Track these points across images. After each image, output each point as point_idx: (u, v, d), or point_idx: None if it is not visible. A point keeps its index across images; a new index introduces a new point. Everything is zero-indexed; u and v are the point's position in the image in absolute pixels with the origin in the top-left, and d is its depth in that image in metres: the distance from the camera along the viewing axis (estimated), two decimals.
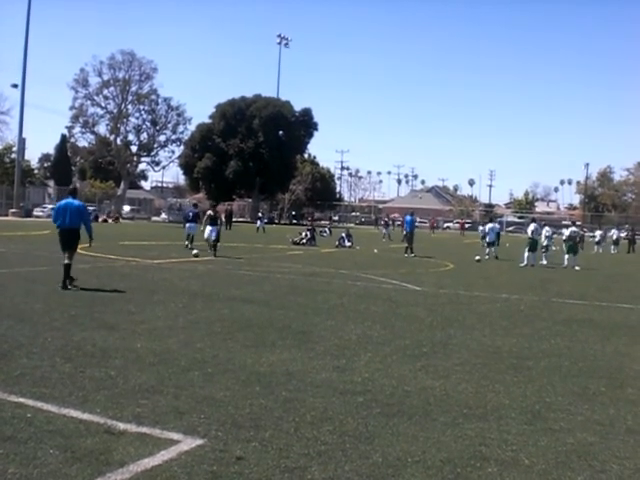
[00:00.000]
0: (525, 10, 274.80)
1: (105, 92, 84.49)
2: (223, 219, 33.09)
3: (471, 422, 6.17)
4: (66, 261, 13.77)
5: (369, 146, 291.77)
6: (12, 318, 10.08)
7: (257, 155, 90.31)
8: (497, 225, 33.47)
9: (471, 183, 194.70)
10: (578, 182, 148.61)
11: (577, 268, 28.37)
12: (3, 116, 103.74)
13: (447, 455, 5.30)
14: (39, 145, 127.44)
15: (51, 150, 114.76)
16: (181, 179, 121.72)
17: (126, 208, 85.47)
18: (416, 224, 37.83)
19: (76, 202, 14.37)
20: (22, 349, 8.10)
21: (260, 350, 8.74)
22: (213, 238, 25.88)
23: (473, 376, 8.02)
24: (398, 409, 6.45)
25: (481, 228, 41.07)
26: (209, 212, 27.34)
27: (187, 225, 30.12)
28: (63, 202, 14.42)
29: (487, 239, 33.05)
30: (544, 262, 29.25)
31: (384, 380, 7.56)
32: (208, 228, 26.13)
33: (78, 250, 14.62)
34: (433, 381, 7.64)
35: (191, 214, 30.83)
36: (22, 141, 70.02)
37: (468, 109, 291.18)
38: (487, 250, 30.57)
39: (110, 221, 63.76)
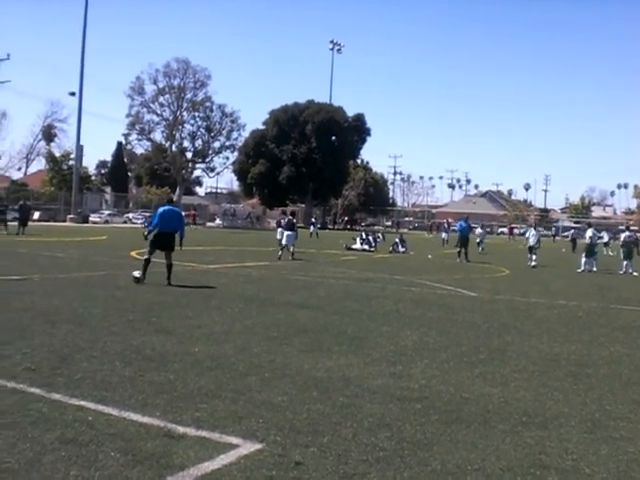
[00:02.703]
0: (584, 11, 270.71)
1: (161, 99, 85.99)
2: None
3: (530, 430, 6.09)
4: (168, 262, 15.82)
5: (422, 151, 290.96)
6: (71, 322, 10.27)
7: (310, 161, 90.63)
8: (537, 231, 33.05)
9: (526, 187, 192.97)
10: (635, 186, 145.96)
11: (635, 274, 27.78)
12: (61, 124, 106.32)
13: (507, 463, 5.24)
14: (96, 152, 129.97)
15: (108, 157, 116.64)
16: (235, 185, 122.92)
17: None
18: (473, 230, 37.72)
19: (177, 209, 16.88)
20: (82, 353, 8.24)
21: (316, 355, 8.75)
22: (288, 242, 27.66)
23: (531, 383, 7.91)
24: (456, 416, 6.39)
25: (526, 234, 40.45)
26: (289, 218, 29.44)
27: (279, 231, 32.61)
28: (166, 208, 16.40)
29: (529, 244, 32.46)
30: (594, 269, 28.71)
31: (441, 387, 7.50)
32: (286, 233, 27.94)
33: (134, 255, 14.94)
34: (491, 388, 7.56)
35: (282, 221, 32.70)
36: (80, 148, 71.24)
37: (523, 113, 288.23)
38: (529, 256, 30.13)
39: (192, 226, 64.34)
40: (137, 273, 15.82)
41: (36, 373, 7.16)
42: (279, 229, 32.97)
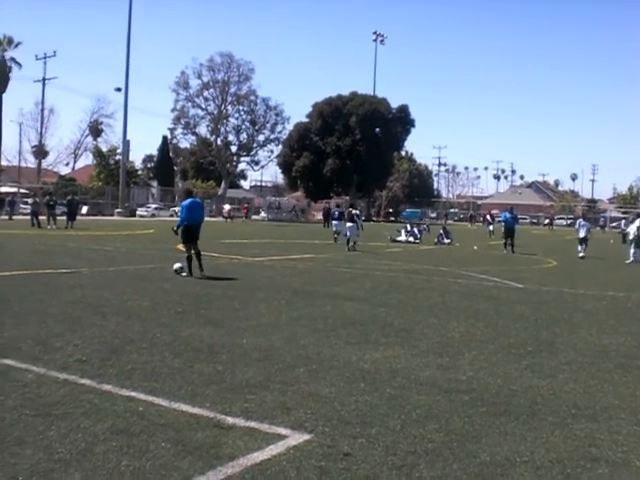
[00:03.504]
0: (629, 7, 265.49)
1: (205, 94, 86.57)
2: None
3: (580, 422, 6.03)
4: (196, 251, 16.09)
5: (467, 141, 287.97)
6: (121, 315, 10.43)
7: (354, 153, 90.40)
8: (587, 221, 32.53)
9: (573, 178, 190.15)
10: None
11: None
12: (108, 119, 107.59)
13: (556, 455, 5.20)
14: (142, 147, 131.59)
15: (154, 151, 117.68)
16: (279, 178, 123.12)
17: (226, 207, 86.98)
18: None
19: (199, 200, 17.56)
20: (132, 345, 8.36)
21: (363, 347, 8.76)
22: (351, 235, 28.63)
23: (580, 375, 7.83)
24: (505, 408, 6.35)
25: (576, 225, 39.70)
26: (350, 210, 30.67)
27: (334, 223, 34.99)
28: (191, 201, 16.65)
29: (579, 235, 31.90)
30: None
31: (489, 379, 7.46)
32: (348, 224, 29.09)
33: (181, 248, 15.21)
34: (540, 380, 7.49)
35: (337, 213, 35.51)
36: (126, 143, 72.05)
37: (570, 102, 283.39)
38: (579, 247, 29.64)
39: (229, 220, 65.12)
40: (177, 265, 16.10)
41: (87, 364, 7.29)
42: (334, 221, 34.88)
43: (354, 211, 29.89)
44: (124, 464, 4.67)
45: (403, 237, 38.18)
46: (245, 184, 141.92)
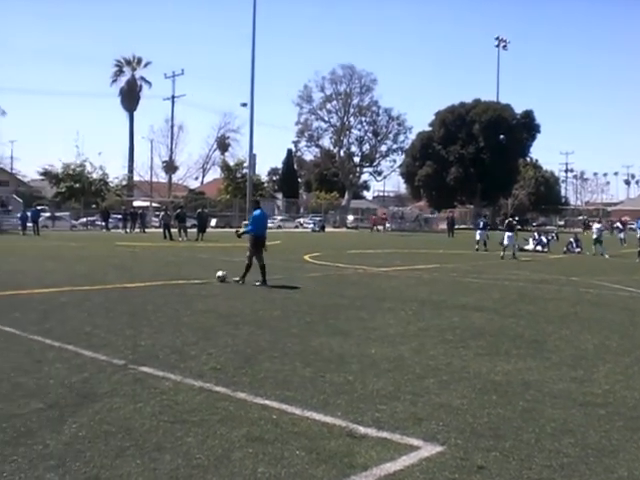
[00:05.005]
0: None
1: (328, 106, 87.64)
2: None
3: None
4: (261, 264, 16.08)
5: (595, 146, 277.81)
6: (252, 324, 10.68)
7: (478, 160, 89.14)
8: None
9: None
10: None
11: None
12: (234, 134, 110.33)
13: None
14: (268, 160, 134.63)
15: (279, 164, 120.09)
16: (402, 188, 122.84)
17: (350, 218, 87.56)
18: None
19: (265, 212, 17.33)
20: (264, 353, 8.55)
21: (494, 359, 8.63)
22: (506, 243, 29.46)
23: None
24: None
25: None
26: (508, 219, 31.55)
27: (478, 232, 36.79)
28: (263, 213, 16.99)
29: None
30: None
31: (626, 392, 7.20)
32: (506, 234, 29.82)
33: (307, 259, 15.33)
34: None
35: (482, 222, 38.32)
36: (253, 157, 73.38)
37: None
38: None
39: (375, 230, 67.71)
40: (221, 273, 16.44)
41: (221, 372, 7.51)
42: (478, 231, 36.78)
43: (513, 221, 30.92)
44: (260, 471, 4.77)
45: (531, 246, 37.34)
46: (368, 195, 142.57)
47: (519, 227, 35.27)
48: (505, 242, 29.67)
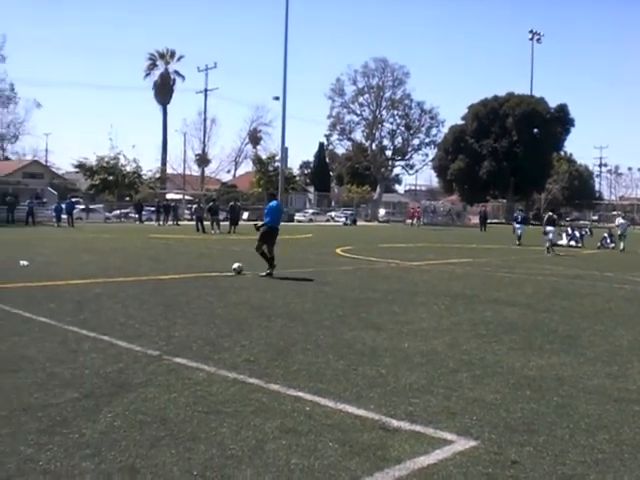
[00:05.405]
0: None
1: (360, 99, 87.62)
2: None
3: None
4: (271, 255, 16.35)
5: (630, 140, 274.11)
6: (285, 316, 10.72)
7: (511, 154, 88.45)
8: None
9: None
10: None
11: None
12: (266, 127, 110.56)
13: None
14: (299, 153, 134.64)
15: (311, 157, 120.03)
16: (434, 182, 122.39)
17: (381, 211, 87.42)
18: None
19: (279, 203, 17.72)
20: (297, 346, 8.57)
21: (527, 354, 8.58)
22: (549, 237, 29.74)
23: None
24: None
25: None
26: (549, 214, 31.85)
27: (516, 226, 36.99)
28: (279, 204, 17.36)
29: None
30: None
31: None
32: (548, 228, 30.12)
33: (339, 252, 15.34)
34: None
35: (520, 217, 38.04)
36: (285, 150, 73.63)
37: None
38: None
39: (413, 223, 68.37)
40: (237, 265, 16.55)
41: (255, 364, 7.54)
42: (516, 225, 36.99)
43: (554, 216, 31.30)
44: (293, 462, 4.78)
45: (564, 241, 37.04)
46: (400, 188, 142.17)
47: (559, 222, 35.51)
48: (550, 237, 29.80)
